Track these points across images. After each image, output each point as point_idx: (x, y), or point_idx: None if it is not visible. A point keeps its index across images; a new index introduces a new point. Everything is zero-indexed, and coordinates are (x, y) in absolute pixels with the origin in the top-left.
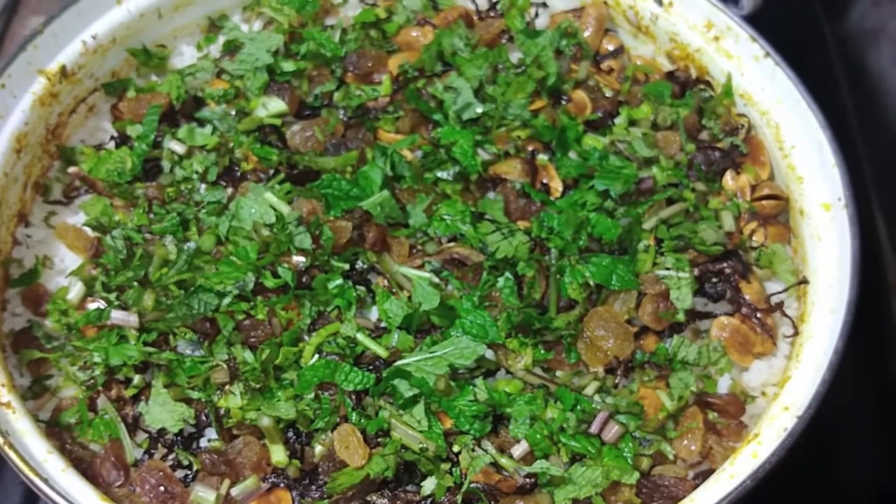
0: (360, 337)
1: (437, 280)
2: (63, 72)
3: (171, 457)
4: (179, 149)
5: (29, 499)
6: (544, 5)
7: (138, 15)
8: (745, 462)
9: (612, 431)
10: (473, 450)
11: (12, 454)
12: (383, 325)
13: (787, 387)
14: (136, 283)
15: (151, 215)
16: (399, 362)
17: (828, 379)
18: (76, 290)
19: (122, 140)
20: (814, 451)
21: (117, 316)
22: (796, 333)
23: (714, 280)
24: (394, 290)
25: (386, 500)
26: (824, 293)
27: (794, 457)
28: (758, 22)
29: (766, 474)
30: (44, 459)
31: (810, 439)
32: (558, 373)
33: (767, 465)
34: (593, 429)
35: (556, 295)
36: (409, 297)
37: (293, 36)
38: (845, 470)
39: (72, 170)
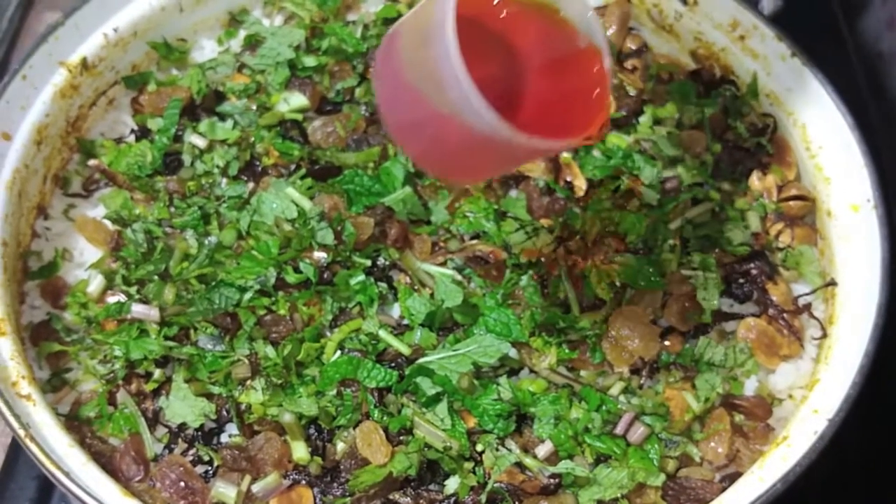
0: (382, 334)
1: (459, 277)
2: (84, 64)
3: (191, 452)
4: (200, 143)
5: (43, 493)
6: None
7: (160, 8)
8: (774, 465)
9: (637, 432)
10: (497, 449)
11: (34, 447)
12: (405, 322)
13: (816, 389)
14: (156, 277)
15: (172, 209)
16: (422, 360)
17: (858, 382)
18: (96, 284)
19: (143, 133)
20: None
21: (138, 310)
22: (824, 336)
23: (741, 281)
24: (416, 287)
25: (409, 498)
26: (854, 295)
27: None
28: (777, 25)
29: (796, 478)
30: (65, 453)
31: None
32: (582, 372)
33: (798, 469)
34: (619, 430)
35: (574, 293)
36: (432, 295)
37: (314, 31)
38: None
39: (92, 162)
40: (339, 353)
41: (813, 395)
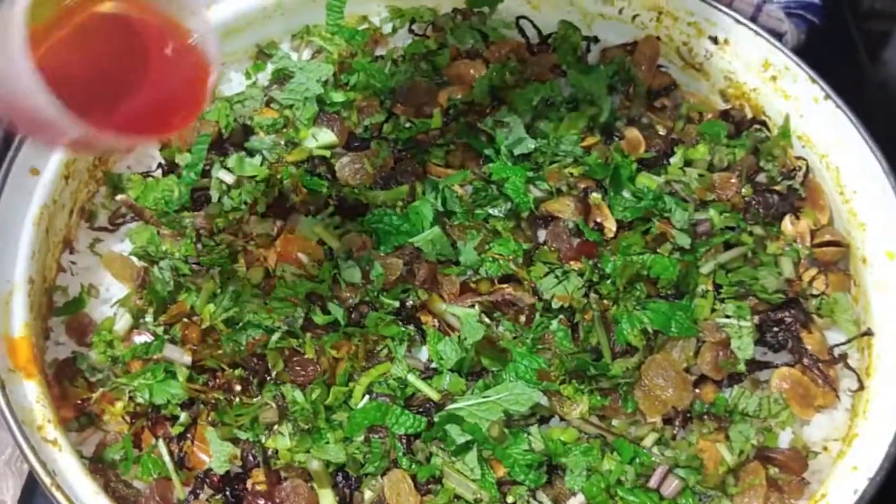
0: (411, 378)
1: (487, 320)
2: None
3: (216, 498)
4: (228, 178)
5: None
6: (596, 40)
7: None
8: None
9: (671, 486)
10: (528, 501)
11: (59, 496)
12: (433, 365)
13: (854, 444)
14: (184, 318)
15: (199, 246)
16: (451, 406)
17: None
18: (123, 322)
19: (170, 168)
20: None
21: (170, 351)
22: (861, 388)
23: (775, 329)
24: (443, 330)
25: None
26: (891, 347)
27: None
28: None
29: None
30: (91, 501)
31: None
32: (614, 421)
33: None
34: (652, 483)
35: (607, 340)
36: (460, 339)
37: (342, 66)
38: None
39: (120, 197)
40: (366, 397)
41: (851, 451)
